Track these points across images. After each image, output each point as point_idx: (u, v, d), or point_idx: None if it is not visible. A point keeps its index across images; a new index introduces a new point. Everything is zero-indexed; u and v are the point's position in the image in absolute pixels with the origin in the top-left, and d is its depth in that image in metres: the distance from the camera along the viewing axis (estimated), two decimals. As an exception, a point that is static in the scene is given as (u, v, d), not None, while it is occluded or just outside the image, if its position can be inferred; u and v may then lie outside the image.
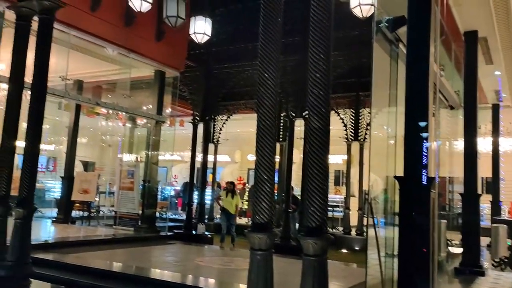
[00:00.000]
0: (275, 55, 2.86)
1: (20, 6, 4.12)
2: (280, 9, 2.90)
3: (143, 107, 10.62)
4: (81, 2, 7.20)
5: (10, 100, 4.26)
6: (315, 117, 2.61)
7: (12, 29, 6.81)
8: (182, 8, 8.12)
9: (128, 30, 8.40)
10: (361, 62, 9.06)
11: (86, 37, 7.87)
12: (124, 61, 9.25)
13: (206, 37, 8.70)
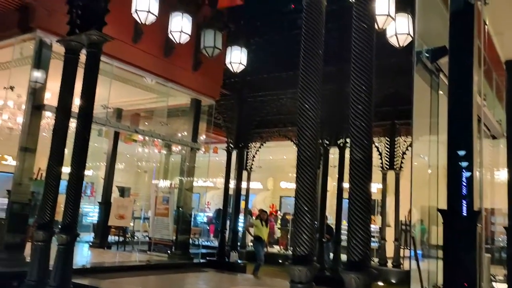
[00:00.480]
0: (316, 86, 2.89)
1: (70, 40, 4.34)
2: (321, 42, 2.95)
3: (178, 134, 10.84)
4: (124, 34, 7.51)
5: (57, 128, 4.45)
6: (357, 149, 2.60)
7: (58, 61, 7.24)
8: (219, 38, 8.34)
9: (167, 60, 8.68)
10: (397, 91, 8.99)
11: (128, 67, 8.17)
12: (162, 90, 9.53)
13: (242, 67, 8.88)
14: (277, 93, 10.73)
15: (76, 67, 4.47)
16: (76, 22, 4.36)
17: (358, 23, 2.73)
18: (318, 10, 2.96)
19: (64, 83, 4.46)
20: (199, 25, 8.60)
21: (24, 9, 6.54)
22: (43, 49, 6.74)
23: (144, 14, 6.74)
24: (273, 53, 10.89)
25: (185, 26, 7.55)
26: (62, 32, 6.41)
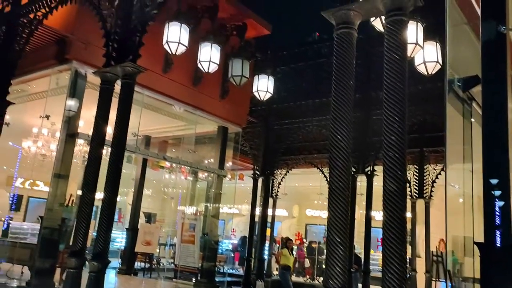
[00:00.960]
0: (347, 117, 2.90)
1: (105, 71, 4.50)
2: (351, 73, 2.98)
3: (205, 161, 10.95)
4: (155, 65, 7.74)
5: (91, 156, 4.57)
6: (391, 180, 2.58)
7: (92, 90, 7.51)
8: (246, 68, 8.49)
9: (195, 89, 8.87)
10: (425, 118, 8.90)
11: (157, 96, 8.38)
12: (190, 117, 9.71)
13: (269, 95, 8.98)
14: (303, 121, 10.77)
15: (111, 97, 4.62)
16: (112, 54, 4.53)
17: (390, 54, 2.75)
18: (349, 42, 3.00)
19: (99, 112, 4.61)
20: (227, 55, 8.80)
21: (62, 42, 6.85)
22: (78, 79, 7.02)
23: (174, 45, 6.94)
24: (299, 81, 11.02)
25: (214, 56, 7.72)
26: (96, 63, 6.68)
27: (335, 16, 3.06)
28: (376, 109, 9.40)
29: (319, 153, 12.87)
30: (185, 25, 7.01)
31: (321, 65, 10.72)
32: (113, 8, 4.67)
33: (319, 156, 12.99)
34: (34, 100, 8.54)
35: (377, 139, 9.43)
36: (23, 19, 5.77)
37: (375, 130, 9.44)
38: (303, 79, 11.02)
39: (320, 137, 12.24)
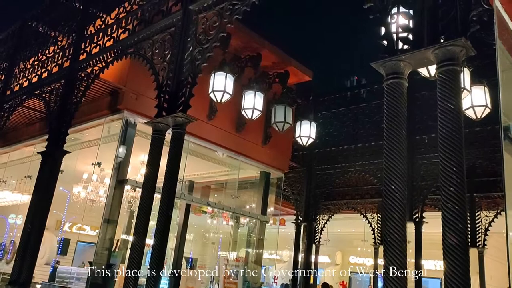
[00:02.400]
0: (401, 167, 2.86)
1: (157, 122, 4.68)
2: (404, 123, 2.96)
3: (247, 206, 10.95)
4: (200, 113, 7.98)
5: (142, 204, 4.68)
6: (452, 233, 2.49)
7: (140, 138, 7.81)
8: (289, 114, 8.62)
9: (238, 135, 9.03)
10: (475, 162, 8.62)
11: (202, 142, 8.58)
12: (232, 163, 9.83)
13: (311, 140, 9.02)
14: (346, 166, 10.67)
15: (162, 146, 4.77)
16: (163, 105, 4.72)
17: (444, 104, 2.73)
18: (399, 92, 3.01)
19: (151, 160, 4.75)
20: (269, 101, 8.98)
21: (114, 93, 7.24)
22: (128, 128, 7.33)
23: (220, 93, 7.19)
24: (341, 125, 11.01)
25: (258, 103, 7.91)
26: (145, 112, 7.01)
27: (384, 66, 3.09)
28: (421, 153, 9.21)
29: (362, 198, 12.63)
30: (230, 74, 7.26)
31: (363, 109, 10.72)
32: (165, 62, 4.92)
33: (362, 201, 12.74)
34: (86, 147, 8.96)
35: (423, 184, 9.17)
36: (81, 73, 6.16)
37: (421, 174, 9.20)
38: (345, 123, 11.01)
39: (363, 182, 12.05)
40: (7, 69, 8.49)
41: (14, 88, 7.95)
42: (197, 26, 4.81)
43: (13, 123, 8.81)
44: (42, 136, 8.49)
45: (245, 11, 4.43)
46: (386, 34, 3.21)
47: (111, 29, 5.92)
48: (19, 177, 10.67)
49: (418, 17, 3.05)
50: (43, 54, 7.36)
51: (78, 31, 6.62)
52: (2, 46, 9.13)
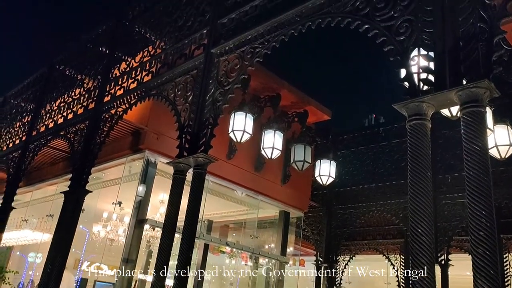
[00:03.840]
0: (428, 209, 2.80)
1: (178, 162, 4.72)
2: (428, 164, 2.92)
3: (266, 246, 10.76)
4: (220, 152, 8.04)
5: (163, 243, 4.65)
6: (483, 279, 2.39)
7: (160, 177, 7.87)
8: (308, 153, 8.62)
9: (258, 174, 9.02)
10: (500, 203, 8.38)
11: (221, 182, 8.59)
12: (251, 202, 9.77)
13: (331, 179, 8.96)
14: (366, 205, 10.51)
15: (182, 186, 4.79)
16: (185, 146, 4.78)
17: (470, 145, 2.70)
18: (423, 133, 2.99)
19: (172, 200, 4.76)
20: (289, 140, 9.01)
21: (136, 133, 7.38)
22: (149, 167, 7.41)
23: (239, 133, 7.26)
24: (360, 164, 10.93)
25: (277, 142, 7.95)
26: (166, 151, 7.11)
27: (406, 108, 3.09)
28: (444, 192, 9.03)
29: (383, 238, 12.31)
30: (249, 114, 7.35)
31: (382, 148, 10.66)
32: (187, 104, 5.02)
33: (384, 242, 12.40)
34: (107, 186, 9.05)
35: (448, 225, 8.93)
36: (105, 114, 6.32)
37: (445, 215, 8.98)
38: (364, 162, 10.94)
39: (384, 222, 11.79)
40: (34, 111, 8.78)
41: (40, 128, 8.18)
42: (218, 68, 4.93)
43: (37, 162, 9.00)
44: (65, 175, 8.64)
45: (265, 54, 4.54)
46: (408, 75, 3.22)
47: (135, 72, 6.11)
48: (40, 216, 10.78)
49: (439, 59, 3.07)
50: (69, 96, 7.61)
51: (104, 74, 6.84)
52: (30, 89, 9.48)
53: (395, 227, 11.53)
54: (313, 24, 4.09)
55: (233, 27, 4.94)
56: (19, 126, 9.20)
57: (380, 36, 3.48)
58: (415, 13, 3.33)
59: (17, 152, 8.55)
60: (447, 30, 3.09)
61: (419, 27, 3.26)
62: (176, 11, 5.92)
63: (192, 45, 5.34)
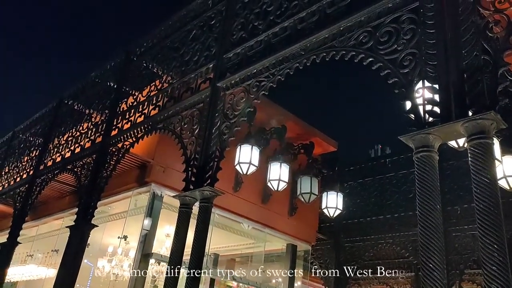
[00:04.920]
0: (438, 243, 2.74)
1: (184, 195, 4.70)
2: (437, 197, 2.89)
3: (273, 281, 10.55)
4: (226, 185, 8.01)
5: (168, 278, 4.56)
6: (499, 316, 2.32)
7: (166, 210, 7.83)
8: (315, 185, 8.57)
9: (264, 207, 8.95)
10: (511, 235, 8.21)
11: (227, 214, 8.52)
12: (258, 235, 9.66)
13: (338, 211, 8.86)
14: (375, 238, 10.34)
15: (189, 220, 4.75)
16: (191, 179, 4.77)
17: (479, 177, 2.67)
18: (430, 165, 2.96)
19: (178, 234, 4.71)
20: (295, 172, 8.97)
21: (143, 166, 7.40)
22: (155, 201, 7.38)
23: (245, 165, 7.25)
24: (368, 196, 10.83)
25: (283, 174, 7.92)
26: (172, 184, 7.10)
27: (413, 140, 3.08)
28: (453, 224, 8.88)
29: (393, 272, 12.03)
30: (255, 146, 7.36)
31: (389, 179, 10.58)
32: (193, 137, 5.04)
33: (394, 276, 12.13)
34: (113, 220, 9.01)
35: (459, 257, 8.74)
36: (112, 148, 6.35)
37: (456, 247, 8.80)
38: (372, 194, 10.84)
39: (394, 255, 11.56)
40: (41, 145, 8.85)
41: (47, 163, 8.23)
42: (224, 102, 4.98)
43: (43, 196, 9.00)
44: (71, 210, 8.61)
45: (271, 87, 4.59)
46: (413, 107, 3.23)
47: (143, 105, 6.18)
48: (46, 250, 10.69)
49: (444, 91, 3.08)
50: (77, 130, 7.68)
51: (111, 108, 6.93)
52: (39, 123, 9.60)
53: (405, 260, 11.30)
54: (318, 58, 4.15)
55: (238, 61, 5.02)
56: (26, 160, 9.27)
57: (385, 69, 3.51)
58: (418, 46, 3.37)
59: (24, 187, 8.58)
60: (451, 63, 3.11)
61: (422, 60, 3.30)
62: (183, 46, 6.04)
63: (198, 79, 5.42)
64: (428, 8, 3.43)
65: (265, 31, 4.79)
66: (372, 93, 23.98)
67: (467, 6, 3.20)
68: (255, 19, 5.03)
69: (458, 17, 3.21)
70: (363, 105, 29.08)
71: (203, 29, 5.79)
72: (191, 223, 4.73)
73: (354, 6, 3.97)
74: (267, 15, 4.89)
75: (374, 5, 3.77)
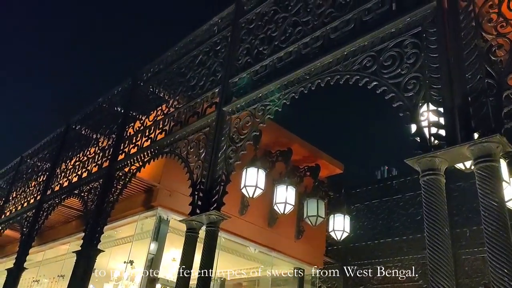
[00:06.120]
0: (448, 267, 2.72)
1: (191, 220, 4.70)
2: (445, 220, 2.87)
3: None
4: (232, 208, 7.98)
5: (174, 306, 4.53)
6: None
7: (172, 234, 7.79)
8: (321, 207, 8.53)
9: (270, 230, 8.89)
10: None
11: (233, 238, 8.46)
12: (265, 259, 9.55)
13: (345, 234, 8.78)
14: (383, 261, 10.18)
15: (195, 244, 4.73)
16: (197, 203, 4.77)
17: (486, 201, 2.66)
18: (437, 188, 2.96)
19: (184, 259, 4.68)
20: (301, 194, 8.94)
21: (149, 190, 7.41)
22: (161, 224, 7.37)
23: (252, 189, 7.26)
24: (375, 218, 10.72)
25: (289, 197, 7.90)
26: (178, 208, 7.08)
27: (419, 163, 3.08)
28: (463, 247, 8.75)
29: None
30: (261, 169, 7.38)
31: (396, 201, 10.50)
32: (199, 161, 5.07)
33: (404, 299, 11.90)
34: (119, 245, 8.96)
35: (469, 281, 8.57)
36: (119, 172, 6.39)
37: (466, 270, 8.64)
38: (379, 216, 10.73)
39: (402, 280, 11.35)
40: (49, 170, 8.92)
41: (54, 188, 8.27)
42: (230, 126, 5.02)
43: (50, 221, 9.00)
44: (77, 234, 8.60)
45: (276, 111, 4.63)
46: (418, 130, 3.24)
47: (149, 130, 6.24)
48: (52, 276, 10.62)
49: (449, 115, 3.10)
50: (85, 154, 7.75)
51: (118, 132, 7.00)
52: (46, 148, 9.69)
53: (414, 284, 11.08)
54: (322, 82, 4.19)
55: (244, 86, 5.08)
56: (34, 185, 9.32)
57: (389, 93, 3.54)
58: (422, 70, 3.41)
59: (31, 212, 8.60)
60: (455, 86, 3.14)
61: (426, 84, 3.33)
62: (189, 71, 6.14)
63: (205, 103, 5.48)
64: (430, 32, 3.48)
65: (270, 56, 4.87)
66: (378, 115, 24.03)
67: (469, 31, 3.24)
68: (260, 44, 5.12)
69: (461, 41, 3.25)
70: (368, 126, 29.10)
71: (209, 54, 5.90)
72: (198, 247, 4.71)
73: (358, 31, 4.04)
74: (272, 40, 4.98)
75: (377, 30, 3.83)
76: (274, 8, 5.19)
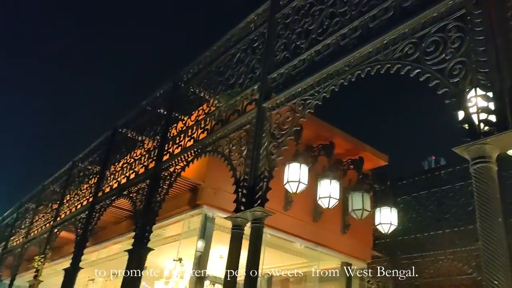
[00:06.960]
0: (503, 258, 2.60)
1: (236, 217, 4.75)
2: (498, 209, 2.75)
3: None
4: (276, 204, 7.98)
5: (223, 302, 4.60)
6: None
7: (218, 232, 7.91)
8: (367, 200, 8.37)
9: (316, 225, 8.84)
10: None
11: (279, 234, 8.48)
12: (311, 254, 9.52)
13: (393, 227, 8.59)
14: (434, 254, 9.89)
15: (241, 241, 4.78)
16: (241, 200, 4.81)
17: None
18: (489, 176, 2.83)
19: (231, 256, 4.74)
20: (345, 188, 8.82)
21: (194, 189, 7.56)
22: (207, 222, 7.50)
23: (295, 184, 7.24)
24: (424, 210, 10.42)
25: (333, 191, 7.82)
26: (223, 206, 7.18)
27: (468, 151, 2.96)
28: None
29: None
30: (304, 164, 7.34)
31: (446, 192, 10.15)
32: (242, 158, 5.11)
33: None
34: (168, 243, 9.21)
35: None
36: (165, 172, 6.56)
37: None
38: (428, 208, 10.42)
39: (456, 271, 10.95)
40: (99, 172, 9.28)
41: (105, 189, 8.60)
42: (271, 122, 5.02)
43: (102, 222, 9.38)
44: (128, 234, 8.92)
45: (316, 104, 4.59)
46: (466, 117, 3.12)
47: (191, 130, 6.36)
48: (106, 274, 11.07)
49: (498, 99, 2.96)
50: (131, 157, 8.00)
51: (162, 134, 7.18)
52: (96, 152, 10.09)
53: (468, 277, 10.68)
54: (363, 73, 4.11)
55: (283, 81, 5.06)
56: (86, 188, 9.73)
57: (433, 80, 3.42)
58: (467, 54, 3.27)
59: (84, 213, 8.98)
60: (504, 69, 2.99)
61: (473, 68, 3.19)
62: (228, 70, 6.19)
63: (244, 101, 5.51)
64: (475, 14, 3.33)
65: (308, 50, 4.83)
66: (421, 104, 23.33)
67: (517, 10, 3.08)
68: (297, 38, 5.09)
69: (508, 21, 3.09)
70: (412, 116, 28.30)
71: (247, 51, 5.92)
72: (244, 243, 4.76)
73: (397, 19, 3.93)
74: (309, 34, 4.94)
75: (418, 15, 3.71)
76: (310, 1, 5.13)
